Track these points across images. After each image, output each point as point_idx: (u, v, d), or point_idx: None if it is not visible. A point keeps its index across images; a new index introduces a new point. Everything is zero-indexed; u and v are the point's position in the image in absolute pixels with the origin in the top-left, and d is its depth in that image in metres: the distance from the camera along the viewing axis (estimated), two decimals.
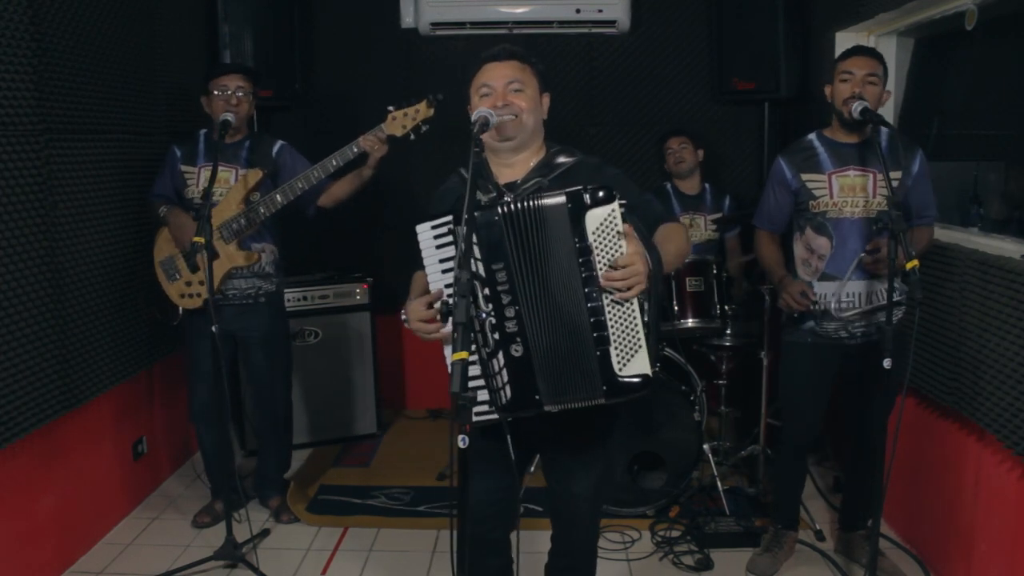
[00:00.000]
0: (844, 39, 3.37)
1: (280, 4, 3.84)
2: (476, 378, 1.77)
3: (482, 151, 1.75)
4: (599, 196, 1.67)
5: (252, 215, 2.97)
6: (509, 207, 1.71)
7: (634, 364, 1.72)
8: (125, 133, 3.21)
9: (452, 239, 1.77)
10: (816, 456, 3.61)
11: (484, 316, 1.72)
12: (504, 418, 1.76)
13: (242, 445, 3.97)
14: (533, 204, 1.70)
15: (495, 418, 1.78)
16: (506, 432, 1.73)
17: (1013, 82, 3.08)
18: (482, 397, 1.78)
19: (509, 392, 1.76)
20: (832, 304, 2.62)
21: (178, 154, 3.09)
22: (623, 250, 1.69)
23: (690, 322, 3.38)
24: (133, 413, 3.37)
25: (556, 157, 1.97)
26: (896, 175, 2.54)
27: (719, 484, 3.24)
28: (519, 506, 2.12)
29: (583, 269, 1.69)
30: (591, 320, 1.71)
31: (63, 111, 2.80)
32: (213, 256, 2.87)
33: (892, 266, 2.27)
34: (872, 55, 2.58)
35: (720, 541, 2.97)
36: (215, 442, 3.14)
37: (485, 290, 1.72)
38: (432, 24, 4.03)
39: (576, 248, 1.69)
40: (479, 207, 1.74)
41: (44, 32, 2.68)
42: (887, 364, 2.21)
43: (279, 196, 2.96)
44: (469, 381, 1.61)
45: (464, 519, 1.56)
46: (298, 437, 3.70)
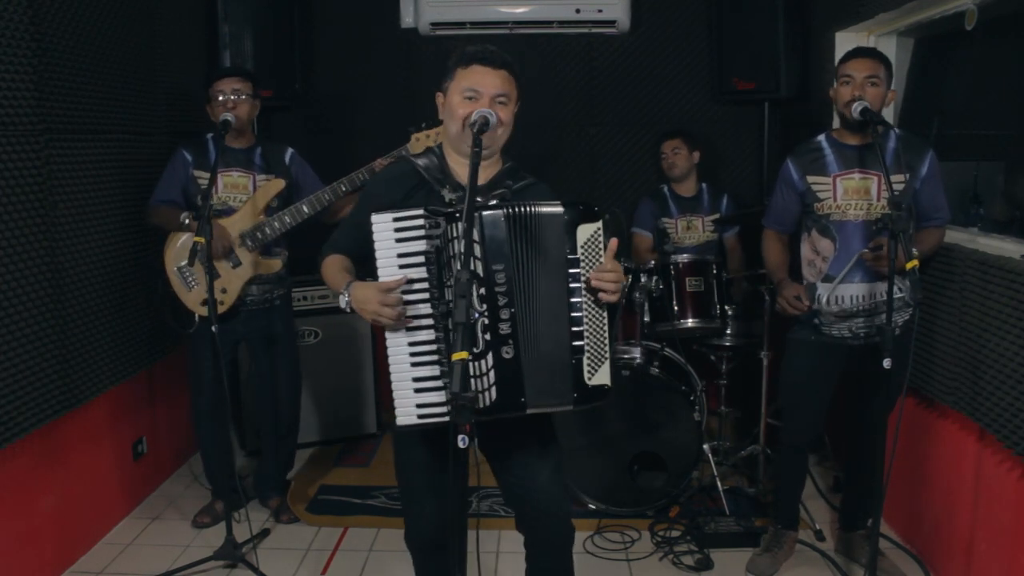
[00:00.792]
0: (844, 39, 3.37)
1: (280, 4, 3.84)
2: (437, 378, 1.76)
3: (480, 150, 1.75)
4: (592, 211, 1.78)
5: (278, 224, 3.00)
6: (514, 209, 1.74)
7: (600, 374, 1.81)
8: (125, 133, 3.20)
9: (419, 234, 1.75)
10: (816, 456, 3.61)
11: (477, 316, 1.72)
12: (481, 419, 1.68)
13: (242, 445, 3.97)
14: (533, 210, 1.74)
15: (445, 420, 1.71)
16: (473, 435, 1.53)
17: (1013, 82, 3.09)
18: (436, 399, 1.76)
19: (495, 394, 1.75)
20: (823, 299, 2.62)
21: (189, 159, 3.04)
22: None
23: (690, 322, 3.40)
24: (133, 413, 3.37)
25: (516, 171, 2.01)
26: (900, 178, 2.53)
27: (719, 484, 3.24)
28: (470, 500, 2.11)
29: (570, 279, 1.76)
30: (571, 329, 1.77)
31: (63, 111, 2.80)
32: (236, 264, 2.89)
33: (892, 266, 2.26)
34: (873, 56, 2.57)
35: (720, 541, 2.97)
36: (218, 442, 3.15)
37: (481, 290, 1.73)
38: (432, 24, 4.02)
39: (567, 259, 1.76)
40: (479, 207, 1.74)
41: (44, 32, 2.68)
42: (887, 364, 2.21)
43: (306, 207, 2.99)
44: (425, 381, 1.72)
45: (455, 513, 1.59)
46: (298, 437, 3.69)
